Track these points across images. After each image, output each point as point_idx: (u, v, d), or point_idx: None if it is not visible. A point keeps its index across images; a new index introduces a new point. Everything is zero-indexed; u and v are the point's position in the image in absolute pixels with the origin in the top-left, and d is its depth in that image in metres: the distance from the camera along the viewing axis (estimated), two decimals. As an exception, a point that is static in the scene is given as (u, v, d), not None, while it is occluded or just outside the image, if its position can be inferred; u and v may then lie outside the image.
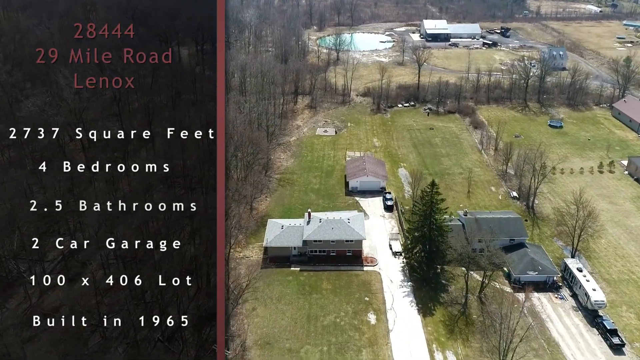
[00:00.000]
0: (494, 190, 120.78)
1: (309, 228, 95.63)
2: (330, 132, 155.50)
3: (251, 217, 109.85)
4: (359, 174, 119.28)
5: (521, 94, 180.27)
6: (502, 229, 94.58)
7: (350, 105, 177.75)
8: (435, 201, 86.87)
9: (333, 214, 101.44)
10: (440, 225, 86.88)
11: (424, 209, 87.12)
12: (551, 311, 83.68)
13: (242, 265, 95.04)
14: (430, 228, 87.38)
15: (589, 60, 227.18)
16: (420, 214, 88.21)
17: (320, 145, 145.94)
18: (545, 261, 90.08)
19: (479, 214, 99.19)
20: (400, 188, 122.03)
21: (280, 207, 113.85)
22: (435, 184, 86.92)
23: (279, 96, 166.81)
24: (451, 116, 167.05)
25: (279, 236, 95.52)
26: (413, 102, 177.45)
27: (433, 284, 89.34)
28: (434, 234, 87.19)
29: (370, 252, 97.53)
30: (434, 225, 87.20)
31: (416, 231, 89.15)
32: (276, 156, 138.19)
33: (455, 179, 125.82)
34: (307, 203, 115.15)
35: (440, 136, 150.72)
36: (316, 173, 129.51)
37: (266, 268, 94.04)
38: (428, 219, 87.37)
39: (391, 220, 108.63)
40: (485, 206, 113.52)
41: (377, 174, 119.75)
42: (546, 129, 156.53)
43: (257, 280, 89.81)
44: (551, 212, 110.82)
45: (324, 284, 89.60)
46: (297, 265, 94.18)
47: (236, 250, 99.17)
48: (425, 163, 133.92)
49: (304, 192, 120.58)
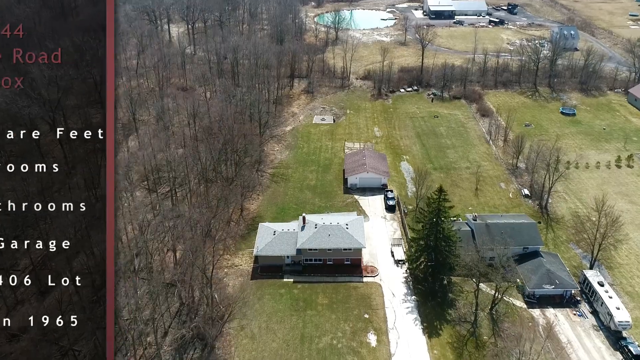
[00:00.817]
0: (504, 187, 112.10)
1: (304, 234, 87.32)
2: (328, 120, 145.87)
3: (241, 219, 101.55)
4: (358, 170, 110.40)
5: (531, 77, 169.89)
6: (515, 236, 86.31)
7: (349, 90, 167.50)
8: (443, 209, 78.32)
9: (330, 217, 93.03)
10: (448, 235, 78.55)
11: (431, 216, 78.64)
12: (569, 330, 76.03)
13: (232, 276, 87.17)
14: (437, 237, 79.10)
15: (601, 40, 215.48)
16: (426, 222, 79.76)
17: (317, 136, 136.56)
18: (563, 273, 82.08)
19: (489, 218, 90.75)
20: (402, 185, 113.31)
21: (273, 207, 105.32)
22: (444, 191, 78.14)
23: (274, 81, 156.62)
24: (457, 102, 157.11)
25: (271, 244, 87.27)
26: (416, 86, 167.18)
27: (439, 298, 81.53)
28: (441, 244, 78.95)
29: (371, 260, 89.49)
30: (441, 234, 78.87)
31: (421, 240, 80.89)
32: (269, 148, 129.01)
33: (462, 174, 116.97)
34: (302, 202, 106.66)
35: (446, 125, 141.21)
36: (312, 167, 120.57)
37: (257, 279, 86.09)
38: (434, 228, 79.00)
39: (393, 222, 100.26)
40: (494, 205, 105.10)
41: (378, 169, 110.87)
42: (558, 116, 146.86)
43: (247, 294, 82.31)
44: (566, 213, 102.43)
45: (320, 298, 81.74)
46: (291, 275, 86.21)
47: (224, 257, 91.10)
48: (429, 156, 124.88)
49: (299, 189, 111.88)
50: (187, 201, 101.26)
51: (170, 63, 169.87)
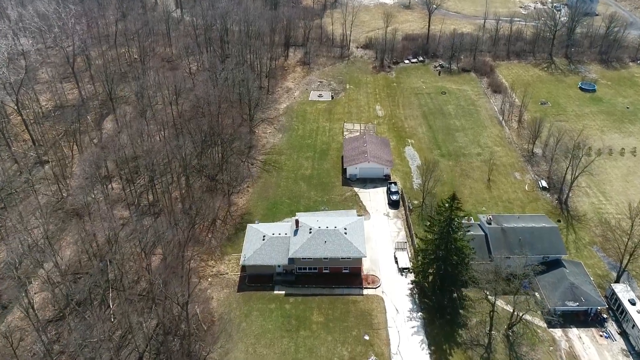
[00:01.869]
0: (519, 177, 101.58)
1: (297, 240, 77.59)
2: (325, 96, 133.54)
3: (229, 216, 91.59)
4: (358, 159, 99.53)
5: (546, 47, 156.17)
6: (535, 243, 76.79)
7: (349, 60, 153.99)
8: (456, 219, 68.20)
9: (326, 218, 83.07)
10: (460, 247, 68.79)
11: (442, 227, 68.61)
12: (595, 355, 67.47)
13: (216, 287, 77.95)
14: (447, 249, 69.36)
15: (621, 3, 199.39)
16: (436, 232, 69.80)
17: (314, 115, 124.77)
18: (588, 287, 72.87)
19: (505, 221, 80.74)
20: (407, 174, 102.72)
21: (264, 202, 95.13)
22: (457, 198, 67.66)
23: (267, 51, 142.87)
24: (466, 76, 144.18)
25: (260, 251, 77.63)
26: (422, 57, 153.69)
27: (448, 315, 72.63)
28: (453, 257, 69.31)
29: (372, 268, 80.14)
30: (453, 246, 69.09)
31: (429, 251, 71.20)
32: (261, 130, 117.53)
33: (473, 162, 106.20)
34: (296, 196, 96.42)
35: (454, 103, 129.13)
36: (308, 153, 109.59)
37: (244, 291, 76.94)
38: (445, 239, 69.11)
39: (397, 220, 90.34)
40: (509, 200, 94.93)
41: (380, 158, 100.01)
42: (576, 92, 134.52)
43: (233, 309, 73.42)
44: (589, 210, 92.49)
45: (315, 314, 72.79)
46: (282, 287, 77.03)
47: (208, 264, 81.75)
48: (436, 140, 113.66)
49: (292, 179, 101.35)
50: (166, 197, 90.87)
51: (154, 30, 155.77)
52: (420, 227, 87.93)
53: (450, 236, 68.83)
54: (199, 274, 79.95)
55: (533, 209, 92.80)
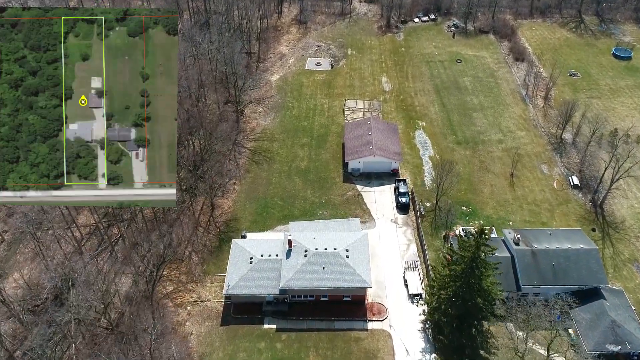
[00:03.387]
0: (547, 171, 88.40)
1: (290, 265, 65.77)
2: (324, 65, 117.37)
3: (211, 223, 79.34)
4: (362, 152, 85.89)
5: (575, 2, 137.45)
6: (571, 270, 65.14)
7: (351, 18, 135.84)
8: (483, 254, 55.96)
9: (324, 231, 71.05)
10: (487, 288, 57.05)
11: (465, 266, 56.49)
12: (639, 410, 57.73)
13: (196, 318, 66.89)
14: (471, 289, 57.64)
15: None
16: (458, 272, 57.70)
17: (311, 89, 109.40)
18: (632, 324, 61.94)
19: (535, 239, 68.49)
20: (417, 167, 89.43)
21: (252, 205, 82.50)
22: (484, 233, 54.92)
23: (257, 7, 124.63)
24: (484, 39, 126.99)
25: (247, 278, 65.96)
26: (434, 14, 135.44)
27: (467, 357, 62.09)
28: (477, 300, 57.72)
29: (377, 292, 68.83)
30: (478, 285, 57.30)
31: (448, 290, 59.49)
32: (250, 109, 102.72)
33: (493, 151, 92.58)
34: (290, 196, 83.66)
35: (471, 74, 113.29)
36: (304, 139, 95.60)
37: (229, 324, 65.98)
38: (468, 279, 57.18)
39: (406, 229, 78.16)
40: (535, 202, 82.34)
41: (387, 151, 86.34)
42: (610, 61, 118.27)
43: (215, 350, 62.81)
44: (628, 215, 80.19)
45: (311, 356, 62.16)
46: (273, 319, 66.01)
47: (187, 287, 70.33)
48: (451, 122, 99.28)
49: (286, 174, 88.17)
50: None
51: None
52: (434, 238, 76.15)
53: (475, 276, 56.84)
54: (176, 300, 68.90)
55: (563, 213, 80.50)
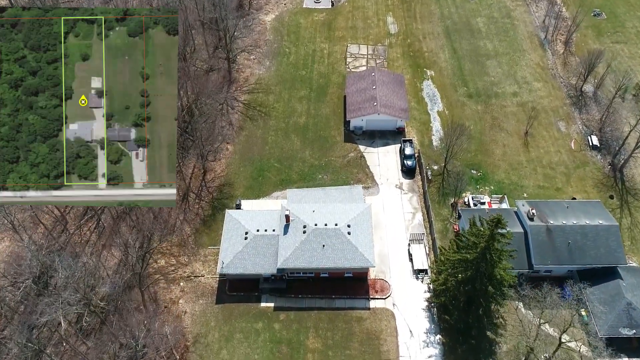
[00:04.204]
0: (564, 129, 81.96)
1: (288, 243, 61.52)
2: (324, 2, 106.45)
3: (203, 189, 74.23)
4: (365, 109, 78.91)
5: None
6: (588, 248, 61.01)
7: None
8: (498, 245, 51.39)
9: (324, 202, 66.31)
10: (500, 279, 53.12)
11: (476, 255, 52.07)
12: (648, 395, 56.08)
13: (190, 295, 63.76)
14: (481, 277, 53.74)
15: None
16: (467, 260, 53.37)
17: (310, 31, 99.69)
18: (649, 306, 58.88)
19: (551, 212, 63.63)
20: (425, 124, 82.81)
21: (247, 167, 76.88)
22: (501, 222, 49.83)
23: None
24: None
25: (242, 255, 61.92)
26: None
27: (474, 340, 59.54)
28: (488, 289, 54.00)
29: (380, 267, 65.21)
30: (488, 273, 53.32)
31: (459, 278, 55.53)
32: (244, 57, 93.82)
33: (507, 105, 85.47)
34: (287, 157, 77.90)
35: (485, 14, 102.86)
36: (302, 91, 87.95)
37: (224, 302, 62.92)
38: (478, 266, 53.02)
39: (412, 196, 73.19)
40: (550, 164, 76.82)
41: (392, 108, 79.28)
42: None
43: (211, 330, 60.15)
44: (648, 180, 75.11)
45: (311, 338, 59.65)
46: (271, 297, 62.90)
47: (179, 261, 66.60)
48: (462, 71, 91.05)
49: (283, 132, 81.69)
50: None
51: None
52: (441, 206, 71.50)
53: (487, 263, 52.64)
54: (168, 276, 65.40)
55: (580, 177, 75.29)
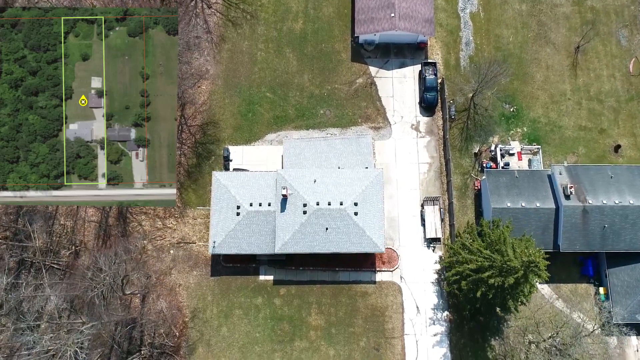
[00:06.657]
0: (625, 43, 65.99)
1: (286, 223, 54.27)
2: None
3: (184, 127, 63.02)
4: (378, 20, 61.83)
5: None
6: (624, 232, 54.06)
7: None
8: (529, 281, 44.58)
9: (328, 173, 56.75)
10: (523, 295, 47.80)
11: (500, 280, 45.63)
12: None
13: (182, 265, 59.41)
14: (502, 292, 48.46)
15: None
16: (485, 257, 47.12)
17: None
18: (674, 292, 55.07)
19: (590, 184, 54.48)
20: (453, 33, 66.32)
21: (233, 99, 63.89)
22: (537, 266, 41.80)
23: None
24: None
25: (234, 234, 55.25)
26: None
27: (482, 316, 57.10)
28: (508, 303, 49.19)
29: (389, 233, 59.18)
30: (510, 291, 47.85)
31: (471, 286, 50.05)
32: None
33: (560, 4, 67.23)
34: (281, 84, 64.39)
35: None
36: (298, -20, 68.14)
37: (220, 274, 58.74)
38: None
39: (430, 141, 62.41)
40: (598, 96, 63.93)
41: (414, 20, 62.00)
42: None
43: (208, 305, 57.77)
44: None
45: (313, 315, 57.26)
46: (270, 269, 58.42)
47: (165, 224, 60.24)
48: (508, -55, 69.23)
49: (275, 46, 65.74)
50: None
51: None
52: (462, 155, 61.93)
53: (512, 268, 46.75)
54: (156, 242, 59.71)
55: (630, 114, 63.50)
